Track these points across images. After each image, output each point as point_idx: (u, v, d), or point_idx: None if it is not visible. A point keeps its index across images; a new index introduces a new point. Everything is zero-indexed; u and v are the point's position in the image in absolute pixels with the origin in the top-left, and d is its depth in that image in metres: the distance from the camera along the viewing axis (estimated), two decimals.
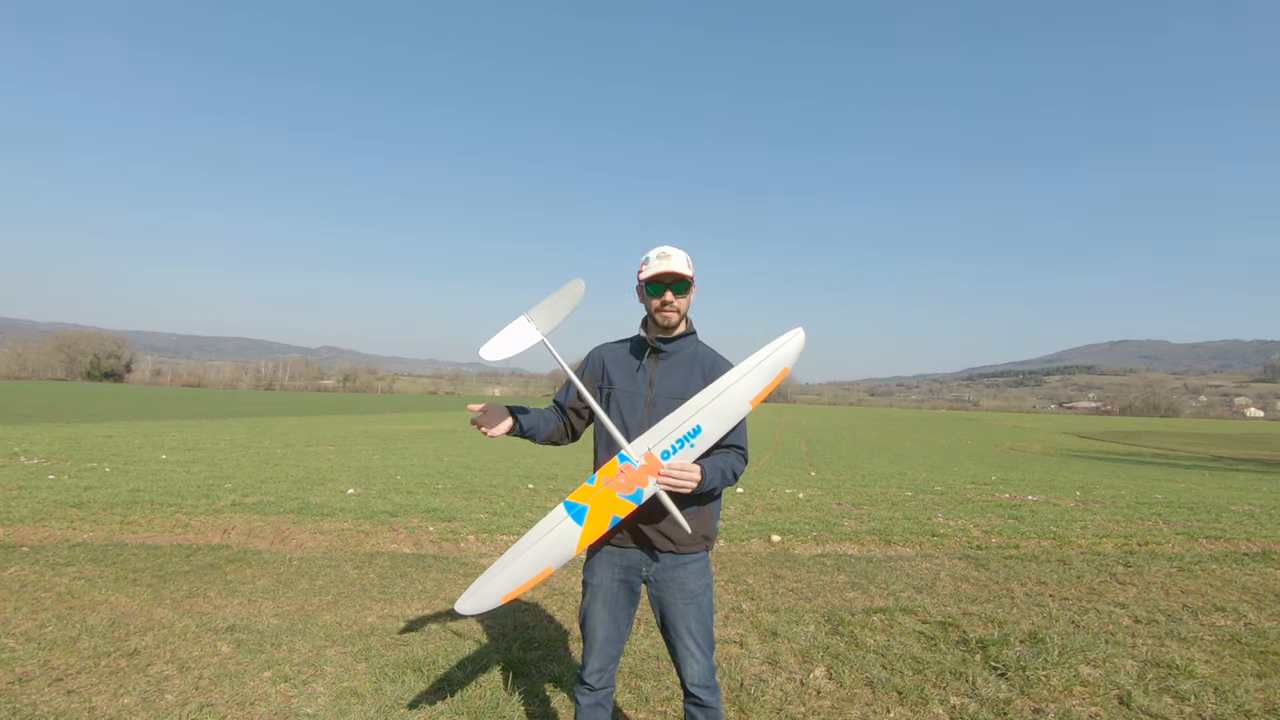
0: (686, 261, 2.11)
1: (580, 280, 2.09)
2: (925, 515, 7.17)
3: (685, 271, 2.08)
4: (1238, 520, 7.08)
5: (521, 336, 2.10)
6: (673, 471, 1.93)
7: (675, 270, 2.07)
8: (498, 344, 2.11)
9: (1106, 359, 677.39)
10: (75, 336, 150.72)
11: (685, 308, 2.15)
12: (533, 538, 1.99)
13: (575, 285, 2.09)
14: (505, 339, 2.11)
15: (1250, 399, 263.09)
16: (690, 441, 1.97)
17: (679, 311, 2.12)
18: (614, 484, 1.96)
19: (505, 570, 1.97)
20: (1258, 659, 3.43)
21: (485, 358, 2.11)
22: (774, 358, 2.05)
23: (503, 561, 1.99)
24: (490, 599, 1.96)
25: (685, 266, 2.09)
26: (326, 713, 2.83)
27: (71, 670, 3.16)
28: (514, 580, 1.96)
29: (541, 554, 1.97)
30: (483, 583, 1.97)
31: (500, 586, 1.96)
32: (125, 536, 5.88)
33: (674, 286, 2.09)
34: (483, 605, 1.96)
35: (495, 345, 2.11)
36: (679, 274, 2.08)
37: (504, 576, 1.97)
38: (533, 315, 2.11)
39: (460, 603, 1.98)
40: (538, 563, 1.97)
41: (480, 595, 1.97)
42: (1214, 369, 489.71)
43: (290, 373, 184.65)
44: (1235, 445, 34.65)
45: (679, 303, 2.11)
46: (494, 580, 1.97)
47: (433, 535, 6.05)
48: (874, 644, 3.62)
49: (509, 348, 2.10)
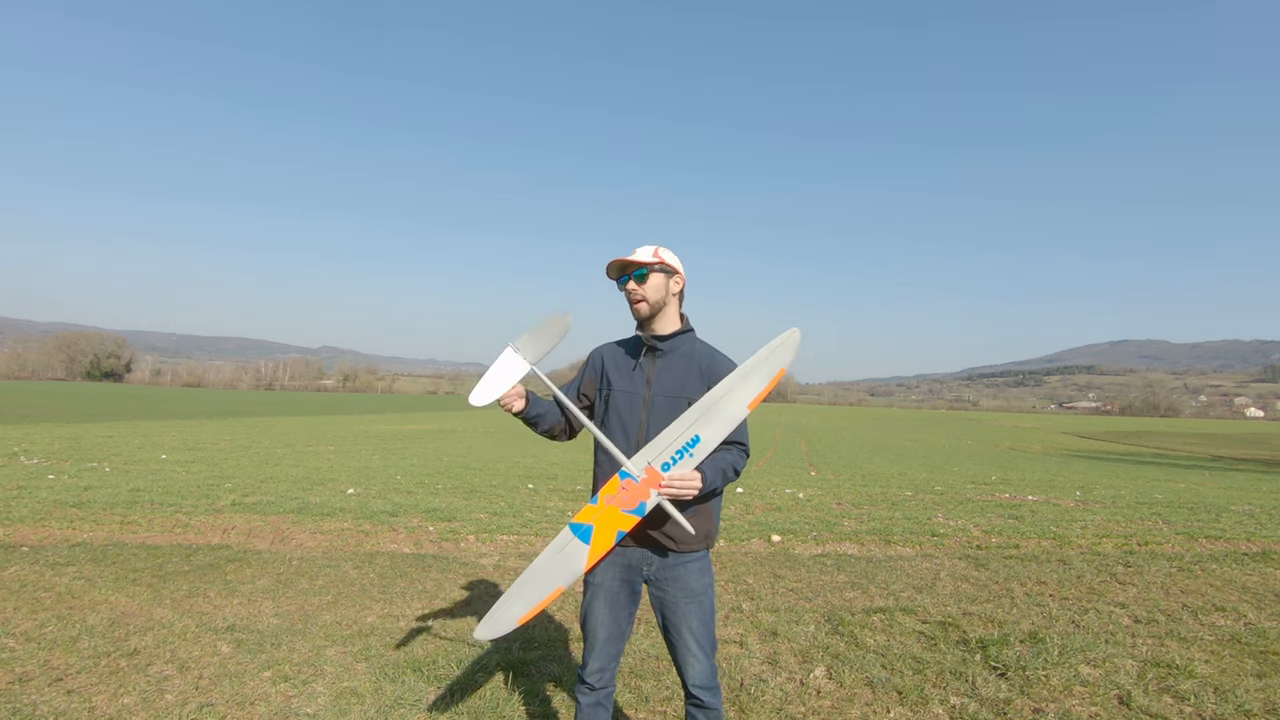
0: (652, 252, 2.12)
1: (568, 314, 2.11)
2: (925, 515, 7.17)
3: (636, 258, 2.09)
4: (1238, 520, 7.08)
5: (510, 369, 2.11)
6: (674, 482, 1.93)
7: (628, 259, 2.08)
8: (487, 386, 2.09)
9: (1106, 359, 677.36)
10: (75, 336, 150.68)
11: (655, 295, 2.12)
12: (542, 561, 2.02)
13: (563, 320, 2.11)
14: (493, 378, 2.10)
15: (1250, 399, 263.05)
16: (690, 451, 1.98)
17: (646, 300, 2.11)
18: (617, 500, 1.98)
19: (519, 595, 2.01)
20: (1258, 659, 3.43)
21: (475, 404, 2.10)
22: (770, 360, 2.03)
23: (516, 587, 2.02)
24: (508, 623, 2.00)
25: (645, 256, 2.10)
26: (326, 713, 2.82)
27: (71, 670, 3.16)
28: (529, 604, 2.00)
29: (553, 577, 2.00)
30: (499, 609, 2.01)
31: (517, 611, 2.00)
32: (125, 536, 5.88)
33: (633, 275, 2.10)
34: (500, 630, 2.00)
35: (485, 388, 2.09)
36: (632, 261, 2.09)
37: (519, 601, 2.00)
38: (519, 345, 2.12)
39: (478, 630, 2.01)
40: (549, 585, 2.00)
41: (497, 621, 2.00)
42: (1214, 369, 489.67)
43: (290, 373, 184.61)
44: (1235, 445, 34.63)
45: (641, 289, 2.11)
46: (511, 606, 2.00)
47: (433, 535, 6.05)
48: (874, 644, 3.62)
49: (498, 386, 2.09)
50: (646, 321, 2.16)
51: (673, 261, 2.15)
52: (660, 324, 2.17)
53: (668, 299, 2.15)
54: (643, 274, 2.10)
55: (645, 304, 2.12)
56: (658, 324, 2.17)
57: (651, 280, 2.11)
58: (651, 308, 2.13)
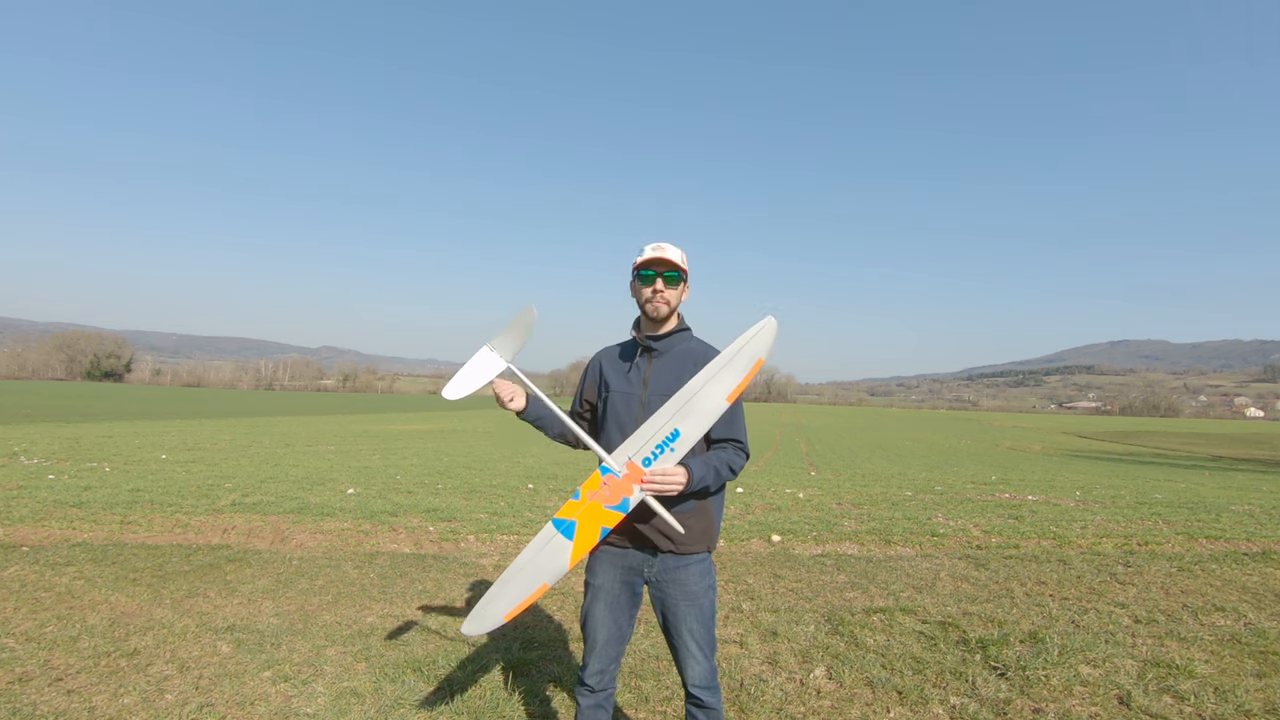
0: (681, 256, 2.13)
1: (531, 306, 2.15)
2: (925, 515, 7.17)
3: (678, 261, 2.10)
4: (1238, 520, 7.08)
5: (486, 367, 2.13)
6: (656, 478, 1.93)
7: (668, 258, 2.08)
8: (461, 381, 2.13)
9: (1106, 359, 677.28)
10: (75, 336, 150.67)
11: (676, 300, 2.14)
12: (525, 557, 2.02)
13: (527, 313, 2.14)
14: (469, 374, 2.13)
15: (1250, 399, 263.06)
16: (670, 446, 1.97)
17: (669, 303, 2.12)
18: (599, 496, 1.98)
19: (504, 591, 2.00)
20: (1258, 659, 3.43)
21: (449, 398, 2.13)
22: (746, 350, 2.01)
23: (500, 583, 2.01)
24: (493, 620, 1.99)
25: (679, 259, 2.11)
26: (326, 713, 2.83)
27: (71, 670, 3.16)
28: (513, 600, 1.99)
29: (536, 572, 2.00)
30: (484, 605, 2.00)
31: (501, 607, 1.99)
32: (125, 536, 5.88)
33: (665, 275, 2.10)
34: (485, 626, 2.00)
35: (458, 383, 2.13)
36: (671, 262, 2.09)
37: (504, 598, 2.00)
38: (495, 344, 2.14)
39: (465, 625, 2.01)
40: (533, 581, 2.00)
41: (483, 617, 2.00)
42: (1214, 369, 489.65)
43: (290, 373, 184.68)
44: (1235, 445, 34.64)
45: (669, 293, 2.11)
46: (495, 602, 2.00)
47: (433, 535, 6.05)
48: (874, 644, 3.62)
49: (473, 382, 2.12)
50: (654, 321, 2.16)
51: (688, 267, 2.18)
52: (663, 324, 2.18)
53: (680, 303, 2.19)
54: (675, 276, 2.11)
55: (668, 306, 2.13)
56: (661, 324, 2.17)
57: (679, 285, 2.14)
58: (672, 310, 2.15)
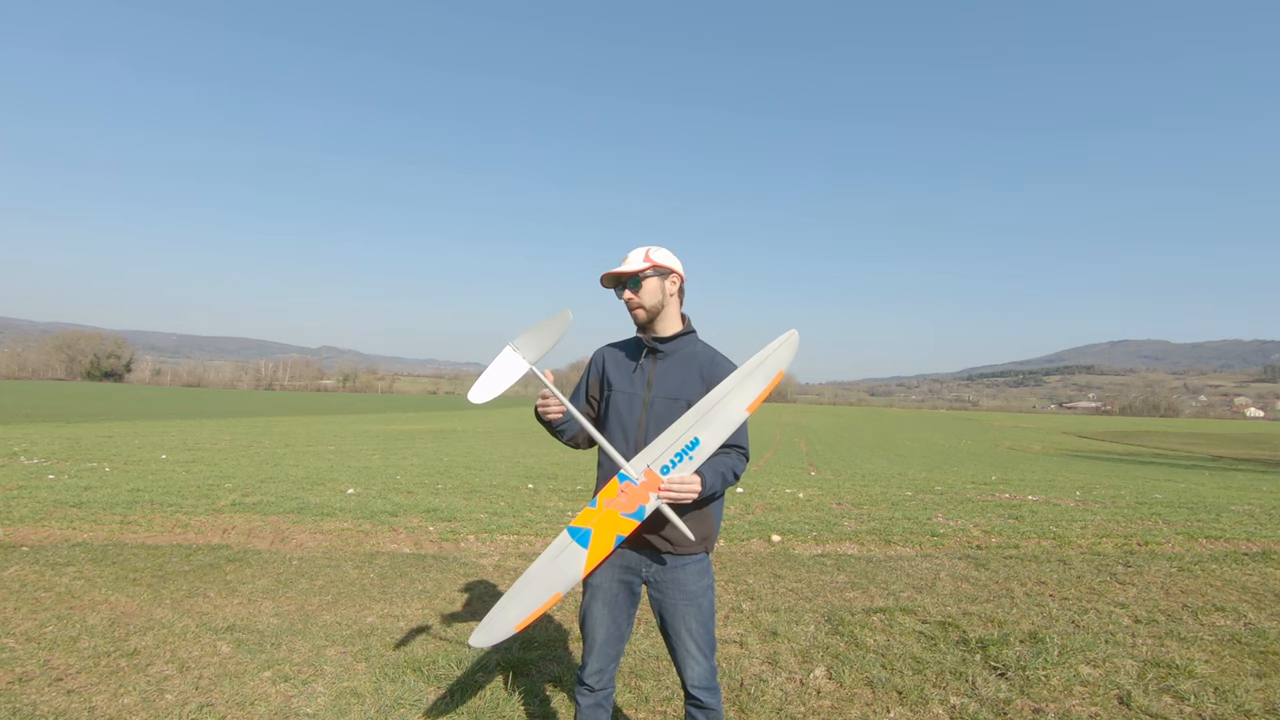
0: (643, 256, 2.10)
1: (567, 311, 2.09)
2: (925, 515, 7.17)
3: (627, 268, 2.08)
4: (1238, 520, 7.08)
5: (510, 368, 2.09)
6: (673, 486, 1.93)
7: (615, 271, 2.08)
8: (486, 383, 2.07)
9: (1106, 359, 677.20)
10: (75, 336, 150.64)
11: (652, 300, 2.11)
12: (538, 567, 2.00)
13: (562, 316, 2.09)
14: (493, 375, 2.08)
15: (1250, 399, 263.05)
16: (689, 454, 1.97)
17: (644, 306, 2.11)
18: (616, 504, 1.97)
19: (516, 601, 1.99)
20: (1258, 659, 3.43)
21: (474, 401, 2.08)
22: (769, 362, 2.02)
23: (512, 593, 2.00)
24: (504, 630, 1.97)
25: (637, 262, 2.09)
26: (326, 713, 2.83)
27: (71, 670, 3.16)
28: (525, 610, 1.98)
29: (549, 582, 1.98)
30: (494, 615, 1.99)
31: (513, 617, 1.98)
32: (125, 536, 5.88)
33: (628, 283, 2.10)
34: (496, 637, 1.97)
35: (484, 385, 2.07)
36: (619, 273, 2.08)
37: (515, 608, 1.98)
38: (519, 344, 2.09)
39: (474, 637, 1.99)
40: (546, 590, 1.98)
41: (493, 627, 1.98)
42: (1214, 369, 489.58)
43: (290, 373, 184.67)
44: (1235, 445, 34.63)
45: (637, 297, 2.10)
46: (506, 612, 1.98)
47: (433, 535, 6.05)
48: (874, 644, 3.62)
49: (497, 384, 2.07)
50: (646, 325, 2.15)
51: (666, 261, 2.12)
52: (661, 326, 2.16)
53: (665, 300, 2.13)
54: (636, 282, 2.10)
55: (643, 310, 2.11)
56: (658, 326, 2.16)
57: (646, 286, 2.10)
58: (649, 312, 2.12)
